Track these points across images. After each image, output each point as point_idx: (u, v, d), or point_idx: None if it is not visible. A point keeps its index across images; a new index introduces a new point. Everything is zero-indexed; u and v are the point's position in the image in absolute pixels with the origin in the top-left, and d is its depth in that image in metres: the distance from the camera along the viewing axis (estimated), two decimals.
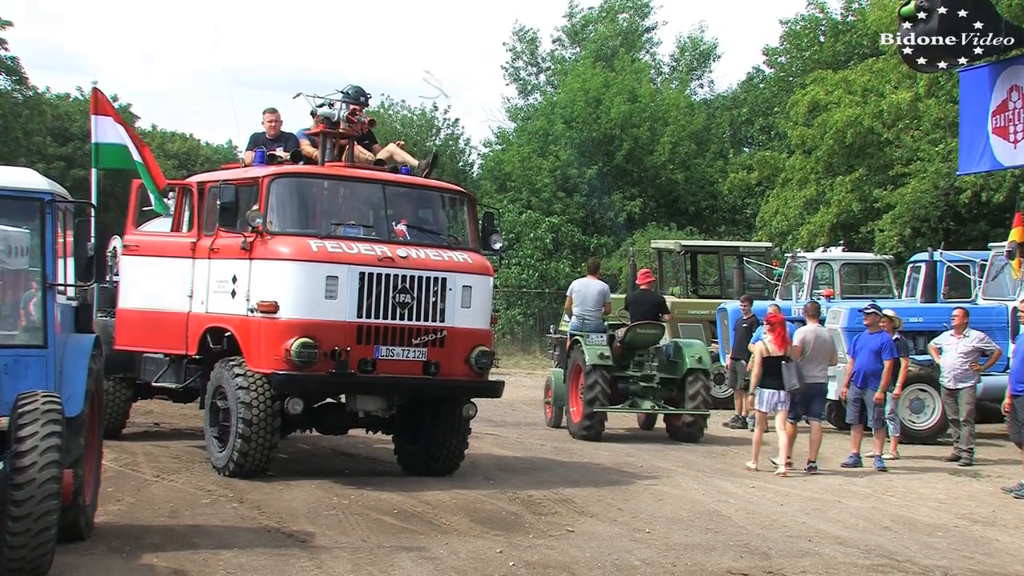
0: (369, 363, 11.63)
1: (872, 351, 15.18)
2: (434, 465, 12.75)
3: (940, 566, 9.36)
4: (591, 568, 8.65)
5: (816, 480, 13.87)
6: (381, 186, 12.55)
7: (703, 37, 50.60)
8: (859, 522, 11.20)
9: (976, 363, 15.78)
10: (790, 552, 9.59)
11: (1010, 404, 13.80)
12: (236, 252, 11.96)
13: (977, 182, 25.45)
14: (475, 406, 12.58)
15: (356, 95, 13.01)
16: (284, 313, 11.47)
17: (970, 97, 15.79)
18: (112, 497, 10.58)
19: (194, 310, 12.64)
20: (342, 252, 11.64)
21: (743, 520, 10.99)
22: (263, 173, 12.20)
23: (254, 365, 11.60)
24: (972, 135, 15.73)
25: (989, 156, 15.54)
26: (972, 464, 15.42)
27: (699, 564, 8.97)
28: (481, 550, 9.14)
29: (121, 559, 8.45)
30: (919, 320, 18.18)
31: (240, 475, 11.62)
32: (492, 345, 12.84)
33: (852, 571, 9.02)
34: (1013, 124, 14.94)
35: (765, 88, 44.83)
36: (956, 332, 15.89)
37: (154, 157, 17.81)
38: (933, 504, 12.50)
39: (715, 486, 13.04)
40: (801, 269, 22.99)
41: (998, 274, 19.06)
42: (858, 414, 15.28)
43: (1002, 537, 10.84)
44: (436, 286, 11.95)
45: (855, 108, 30.97)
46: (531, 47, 51.16)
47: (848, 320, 17.93)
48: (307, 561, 8.64)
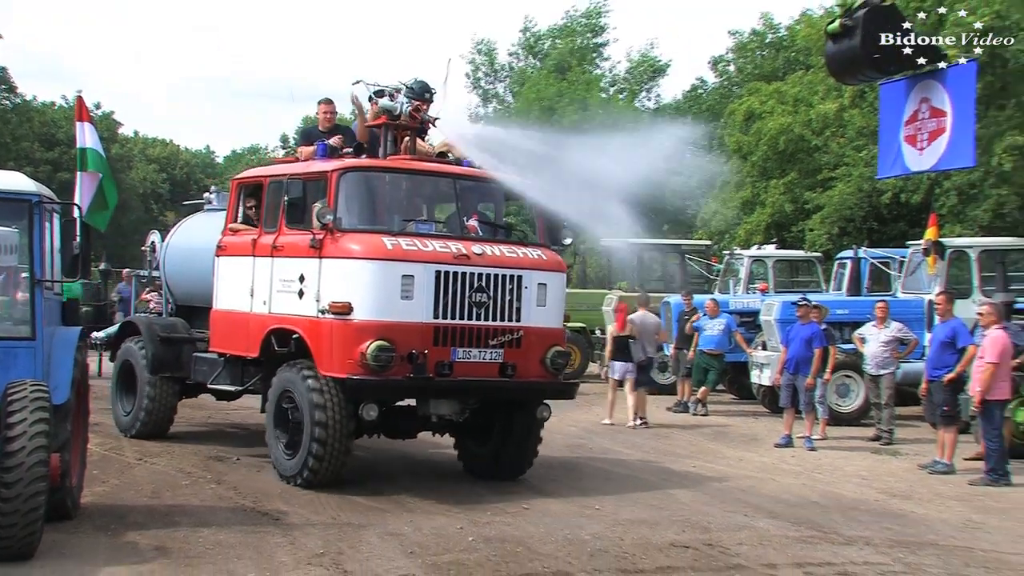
0: (446, 366, 10.24)
1: (803, 340, 15.30)
2: (505, 469, 11.47)
3: (863, 536, 9.45)
4: (544, 542, 8.67)
5: (749, 459, 13.96)
6: (453, 180, 11.14)
7: (652, 53, 50.82)
8: (790, 497, 11.28)
9: (896, 351, 15.96)
10: (728, 526, 9.64)
11: (926, 388, 13.99)
12: (304, 250, 10.53)
13: (897, 185, 25.70)
14: (549, 408, 11.25)
15: (421, 91, 11.46)
16: (358, 314, 10.06)
17: (888, 108, 15.97)
18: (97, 479, 10.47)
19: (255, 310, 11.28)
20: (417, 250, 10.26)
21: (685, 497, 11.04)
22: (332, 167, 10.67)
23: (326, 369, 10.19)
24: (888, 142, 15.92)
25: (900, 162, 15.75)
26: (892, 443, 15.58)
27: (644, 538, 9.00)
28: (443, 527, 9.13)
29: (106, 537, 8.38)
30: (845, 312, 18.34)
31: (314, 485, 10.27)
32: (565, 345, 11.40)
33: (784, 542, 9.08)
34: (920, 133, 15.14)
35: (708, 97, 45.12)
36: (878, 323, 16.06)
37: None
38: (857, 480, 12.61)
39: (659, 466, 13.10)
40: (738, 265, 23.15)
41: (916, 270, 19.26)
42: (790, 398, 15.40)
43: (918, 509, 10.98)
44: (512, 284, 10.62)
45: (787, 117, 31.25)
46: (489, 58, 51.08)
47: (781, 312, 18.05)
48: (281, 537, 8.60)
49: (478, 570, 7.76)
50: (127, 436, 13.07)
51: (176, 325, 13.19)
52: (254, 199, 11.83)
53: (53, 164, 49.52)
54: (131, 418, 13.19)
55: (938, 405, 13.71)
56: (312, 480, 10.30)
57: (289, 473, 10.54)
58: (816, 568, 8.22)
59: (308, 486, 10.28)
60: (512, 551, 8.34)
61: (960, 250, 19.12)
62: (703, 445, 15.07)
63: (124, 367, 13.41)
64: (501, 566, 7.89)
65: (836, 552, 8.82)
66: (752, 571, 8.02)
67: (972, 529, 10.10)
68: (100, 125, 40.79)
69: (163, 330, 12.97)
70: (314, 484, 10.27)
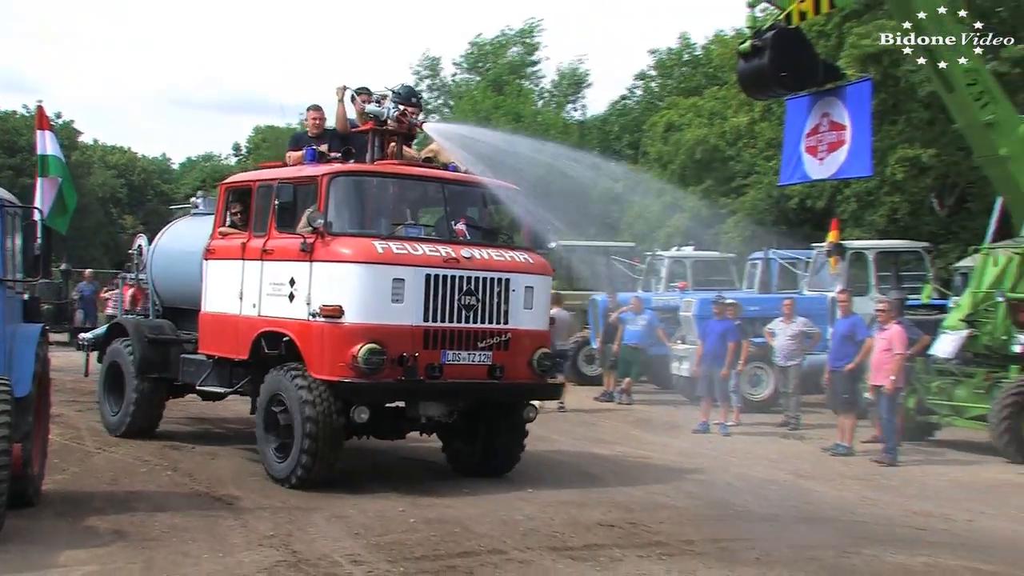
0: (436, 368, 9.78)
1: (718, 335, 15.47)
2: (492, 467, 10.97)
3: (772, 513, 9.57)
4: (481, 523, 8.66)
5: (669, 445, 14.07)
6: (441, 184, 10.60)
7: (580, 68, 51.06)
8: (707, 479, 11.38)
9: (802, 344, 16.20)
10: (650, 506, 9.70)
11: (829, 378, 14.22)
12: (294, 254, 9.97)
13: (803, 192, 26.12)
14: (536, 408, 10.87)
15: (407, 96, 10.96)
16: (349, 317, 9.56)
17: (792, 121, 16.16)
18: (58, 468, 10.27)
19: (244, 313, 10.66)
20: (407, 253, 9.79)
21: (611, 480, 11.09)
22: (322, 171, 10.17)
23: (317, 372, 9.65)
24: (790, 152, 16.11)
25: (801, 170, 15.94)
26: (798, 428, 15.80)
27: (573, 518, 9.03)
28: (386, 509, 9.08)
29: (67, 522, 8.22)
30: (756, 308, 18.54)
31: (305, 486, 9.67)
32: (552, 346, 11.00)
33: (700, 520, 9.16)
34: (820, 144, 15.34)
35: (633, 110, 45.43)
36: (785, 318, 16.29)
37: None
38: (767, 463, 12.76)
39: (587, 451, 13.15)
40: (659, 265, 23.30)
41: (820, 269, 19.59)
42: (707, 388, 15.55)
43: (821, 488, 11.15)
44: (500, 287, 10.16)
45: (703, 129, 31.61)
46: (433, 72, 50.95)
47: (698, 308, 18.21)
48: (233, 521, 8.50)
49: (418, 549, 7.74)
50: (115, 435, 12.48)
51: (163, 327, 12.62)
52: (242, 203, 11.29)
53: (15, 170, 48.51)
54: (119, 418, 12.59)
55: (839, 393, 13.95)
56: (304, 482, 9.70)
57: (280, 475, 9.93)
58: (730, 543, 8.31)
59: (299, 487, 9.68)
60: (451, 532, 8.32)
61: (859, 252, 19.50)
62: (627, 432, 15.17)
63: (112, 368, 12.84)
64: (440, 545, 7.87)
65: (748, 528, 8.92)
66: (672, 547, 8.08)
67: (868, 505, 10.29)
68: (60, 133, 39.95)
69: (151, 331, 12.41)
70: (306, 486, 9.68)
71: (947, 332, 14.38)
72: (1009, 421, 13.18)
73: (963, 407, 14.12)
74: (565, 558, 7.63)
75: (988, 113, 14.60)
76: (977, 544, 8.71)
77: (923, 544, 8.62)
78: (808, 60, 15.03)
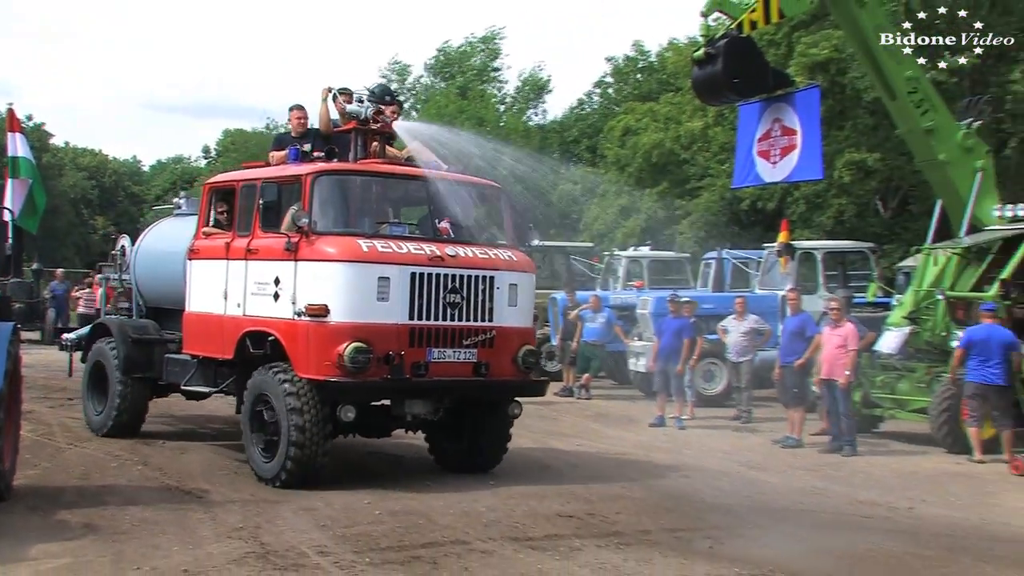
0: (422, 366, 9.53)
1: (674, 332, 15.54)
2: (477, 463, 10.76)
3: (724, 503, 9.64)
4: (444, 515, 8.66)
5: (627, 438, 14.14)
6: (424, 183, 10.30)
7: (540, 75, 51.13)
8: (662, 471, 11.44)
9: (753, 340, 16.31)
10: (607, 497, 9.73)
11: (779, 373, 14.35)
12: (279, 253, 9.69)
13: (754, 194, 26.31)
14: (520, 405, 10.60)
15: (381, 94, 10.75)
16: (335, 316, 9.29)
17: (745, 126, 16.28)
18: (30, 463, 10.13)
19: (229, 312, 10.35)
20: (392, 252, 9.52)
21: (570, 472, 11.12)
22: (307, 171, 9.89)
23: (303, 371, 9.38)
24: (744, 156, 16.22)
25: (754, 173, 16.07)
26: (750, 422, 15.91)
27: (533, 509, 9.05)
28: (352, 502, 9.05)
29: (38, 516, 8.12)
30: (711, 306, 18.66)
31: (292, 485, 9.40)
32: (535, 344, 10.74)
33: (656, 511, 9.21)
34: (773, 148, 15.47)
35: (591, 115, 45.56)
36: (738, 316, 16.39)
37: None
38: (720, 455, 12.83)
39: (547, 445, 13.17)
40: (617, 265, 23.39)
41: (771, 269, 19.74)
42: (663, 383, 15.62)
43: (771, 479, 11.25)
44: (484, 285, 9.91)
45: (659, 133, 31.75)
46: (401, 77, 50.75)
47: (654, 306, 18.28)
48: (203, 514, 8.44)
49: (384, 540, 7.73)
50: (98, 435, 12.19)
51: (147, 327, 12.31)
52: (226, 203, 10.97)
53: None
54: (103, 417, 12.30)
55: (789, 387, 14.09)
56: (291, 481, 9.44)
57: (267, 475, 9.64)
58: (684, 532, 8.38)
59: (286, 487, 9.42)
60: (415, 523, 8.32)
61: (808, 252, 19.70)
62: (586, 426, 15.21)
63: (96, 367, 12.55)
64: (405, 536, 7.87)
65: (702, 517, 9.00)
66: (629, 537, 8.13)
67: (817, 494, 10.40)
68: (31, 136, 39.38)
69: (135, 332, 12.13)
70: (293, 484, 9.42)
71: (891, 329, 14.56)
72: (947, 414, 13.39)
73: (906, 400, 14.31)
74: (526, 548, 7.65)
75: (928, 120, 14.84)
76: (917, 530, 8.85)
77: (867, 531, 8.75)
78: (759, 67, 15.18)
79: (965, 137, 15.02)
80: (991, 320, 12.91)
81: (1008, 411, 12.74)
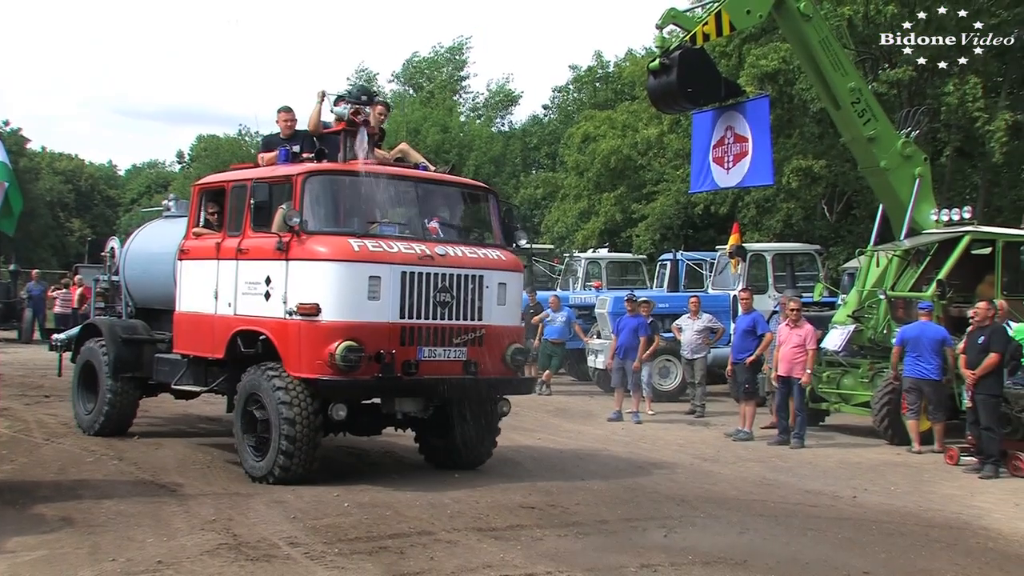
0: (412, 365, 9.31)
1: (631, 330, 15.61)
2: (466, 460, 10.59)
3: (679, 494, 9.69)
4: (411, 507, 8.63)
5: (586, 432, 14.18)
6: (414, 183, 10.10)
7: (508, 86, 51.26)
8: (620, 464, 11.47)
9: (707, 338, 16.44)
10: (567, 489, 9.74)
11: (731, 369, 14.47)
12: (270, 253, 9.47)
13: (707, 198, 26.46)
14: (509, 403, 10.47)
15: (359, 94, 10.53)
16: (326, 315, 9.06)
17: (699, 133, 16.41)
18: (7, 458, 10.00)
19: (220, 312, 10.11)
20: (383, 251, 9.27)
21: (532, 465, 11.13)
22: (297, 171, 9.67)
23: (294, 370, 9.18)
24: (699, 162, 16.35)
25: (709, 179, 16.20)
26: (704, 416, 16.04)
27: (497, 500, 9.04)
28: (321, 494, 9.00)
29: (14, 510, 8.00)
30: (666, 305, 18.80)
31: (284, 484, 9.19)
32: (524, 342, 10.58)
33: (614, 501, 9.24)
34: (727, 155, 15.62)
35: (552, 122, 45.63)
36: (692, 315, 16.51)
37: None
38: (675, 448, 12.91)
39: (510, 439, 13.12)
40: (576, 266, 23.48)
41: (723, 270, 19.91)
42: (620, 379, 15.69)
43: (723, 471, 11.33)
44: (474, 284, 9.71)
45: (617, 140, 31.84)
46: (368, 84, 50.53)
47: (612, 305, 18.38)
48: (177, 507, 8.36)
49: (352, 531, 7.70)
50: (88, 435, 11.94)
51: (137, 327, 12.07)
52: (216, 204, 10.74)
53: None
54: (92, 417, 12.03)
55: (741, 383, 14.21)
56: (283, 479, 9.23)
57: (259, 474, 9.40)
58: (640, 522, 8.41)
59: (280, 483, 9.21)
60: (383, 515, 8.29)
61: (758, 254, 19.89)
62: (547, 420, 15.23)
63: (86, 367, 12.28)
64: (373, 528, 7.84)
65: (657, 508, 9.03)
66: (588, 526, 8.15)
67: (767, 485, 10.49)
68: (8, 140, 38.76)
69: (125, 332, 11.89)
70: (285, 483, 9.20)
71: (836, 327, 14.73)
72: (888, 408, 13.57)
73: (850, 395, 14.49)
74: (489, 538, 7.65)
75: (870, 129, 15.04)
76: (859, 518, 8.96)
77: (813, 518, 8.83)
78: (712, 77, 15.31)
79: (904, 145, 15.26)
80: (926, 318, 13.11)
81: (941, 404, 12.95)
